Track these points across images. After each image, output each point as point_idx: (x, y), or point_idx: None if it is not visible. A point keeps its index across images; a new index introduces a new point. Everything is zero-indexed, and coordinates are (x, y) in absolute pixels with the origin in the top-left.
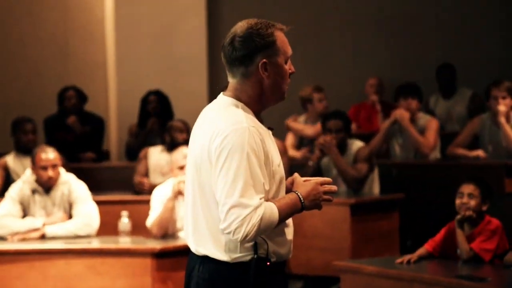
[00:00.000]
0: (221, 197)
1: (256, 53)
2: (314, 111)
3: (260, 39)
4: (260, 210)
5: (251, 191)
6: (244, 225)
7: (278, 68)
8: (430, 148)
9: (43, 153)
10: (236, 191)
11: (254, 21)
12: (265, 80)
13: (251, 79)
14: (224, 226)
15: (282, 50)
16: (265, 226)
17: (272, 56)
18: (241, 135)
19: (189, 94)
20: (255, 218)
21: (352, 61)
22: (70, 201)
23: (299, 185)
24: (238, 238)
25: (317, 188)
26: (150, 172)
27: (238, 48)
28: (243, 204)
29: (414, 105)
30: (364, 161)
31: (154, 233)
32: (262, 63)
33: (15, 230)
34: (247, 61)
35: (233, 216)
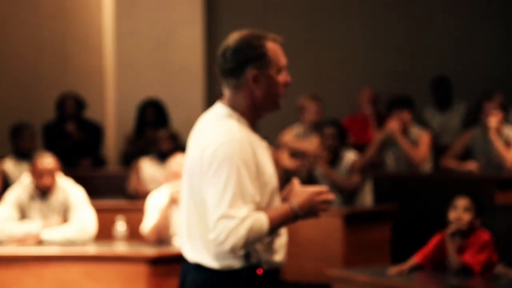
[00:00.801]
0: (211, 207)
1: (246, 64)
2: (308, 120)
3: (250, 50)
4: (248, 221)
5: (239, 202)
6: (231, 237)
7: (270, 79)
8: (422, 160)
9: (41, 160)
10: (224, 202)
11: (246, 33)
12: (256, 91)
13: (243, 90)
14: (213, 237)
15: (274, 61)
16: (254, 237)
17: (263, 68)
18: (232, 147)
19: (185, 103)
20: (242, 230)
21: (346, 72)
22: (67, 206)
23: (295, 194)
24: (227, 249)
25: (313, 198)
26: (144, 182)
27: (229, 60)
28: (230, 216)
29: (406, 118)
30: (358, 172)
31: (149, 239)
32: (252, 74)
33: (12, 234)
34: (237, 73)
35: (220, 227)
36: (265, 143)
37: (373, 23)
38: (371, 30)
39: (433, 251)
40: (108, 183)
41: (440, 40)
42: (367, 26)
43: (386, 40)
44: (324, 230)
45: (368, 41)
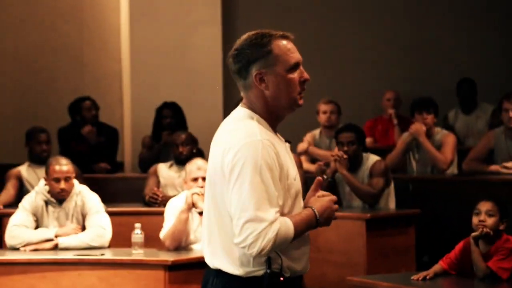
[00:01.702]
0: (235, 211)
1: (250, 64)
2: (321, 123)
3: (252, 50)
4: (276, 225)
5: (266, 205)
6: (260, 239)
7: (277, 77)
8: (447, 163)
9: (57, 165)
10: (251, 205)
11: (253, 33)
12: (265, 91)
13: (253, 91)
14: (239, 240)
15: (281, 58)
16: (280, 241)
17: (268, 66)
18: (254, 148)
19: (204, 106)
20: (271, 233)
21: (369, 74)
22: (83, 212)
23: (314, 201)
24: (253, 252)
25: (332, 206)
26: (161, 187)
27: (235, 62)
28: (259, 219)
29: (430, 120)
30: (380, 176)
31: (167, 245)
32: (256, 74)
33: (28, 240)
34: (244, 74)
35: (248, 231)
36: (287, 145)
37: (395, 25)
38: (394, 32)
39: (459, 256)
40: (125, 188)
41: (465, 42)
42: (390, 28)
43: (410, 42)
44: (346, 236)
45: (390, 43)
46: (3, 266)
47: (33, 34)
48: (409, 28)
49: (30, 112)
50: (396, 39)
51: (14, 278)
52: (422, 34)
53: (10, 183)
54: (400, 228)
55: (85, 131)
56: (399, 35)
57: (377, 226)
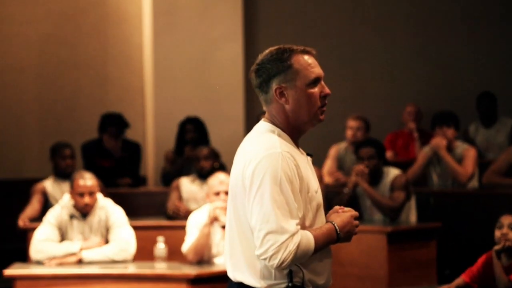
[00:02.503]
0: (256, 223)
1: (271, 79)
2: (348, 138)
3: (273, 65)
4: (297, 237)
5: (286, 217)
6: (281, 251)
7: (298, 92)
8: (467, 177)
9: (81, 179)
10: (272, 217)
11: (274, 48)
12: (286, 106)
13: (273, 105)
14: (260, 252)
15: (302, 73)
16: (301, 254)
17: (288, 81)
18: (274, 160)
19: (226, 121)
20: (292, 245)
21: (390, 88)
22: (107, 226)
23: (335, 216)
24: (274, 264)
25: (352, 221)
26: (184, 201)
27: (256, 77)
28: (280, 230)
29: (450, 134)
30: (401, 189)
31: (189, 258)
32: (276, 88)
33: (53, 254)
34: (264, 88)
35: (269, 242)
36: (309, 159)
37: (416, 39)
38: (414, 45)
39: (481, 270)
40: (148, 202)
41: (485, 56)
42: (410, 41)
43: (430, 56)
44: (367, 249)
45: (411, 57)
46: (28, 280)
47: (57, 50)
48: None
49: (54, 127)
50: (417, 53)
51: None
52: (443, 48)
53: (35, 197)
54: (421, 242)
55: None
56: (420, 49)
57: (398, 240)
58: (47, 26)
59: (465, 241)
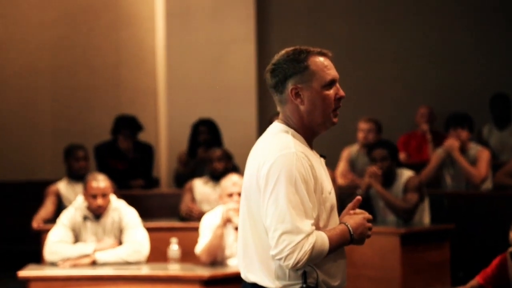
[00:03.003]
0: (271, 223)
1: (287, 79)
2: (359, 141)
3: (289, 65)
4: (312, 238)
5: (302, 217)
6: (296, 251)
7: (313, 93)
8: (481, 178)
9: (94, 181)
10: (287, 217)
11: (291, 49)
12: (300, 106)
13: (288, 106)
14: (275, 252)
15: (318, 75)
16: (316, 254)
17: (304, 82)
18: (288, 160)
19: (239, 122)
20: (307, 245)
21: (403, 90)
22: (120, 227)
23: (348, 217)
24: (289, 264)
25: (365, 223)
26: (197, 203)
27: (271, 76)
28: (295, 231)
29: (464, 136)
30: (414, 191)
31: (203, 260)
32: (292, 89)
33: (66, 256)
34: (280, 88)
35: (285, 243)
36: (322, 160)
37: (429, 40)
38: (428, 47)
39: (495, 272)
40: (161, 203)
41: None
42: (424, 43)
43: (443, 57)
44: (381, 251)
45: (424, 58)
46: (42, 282)
47: (70, 53)
48: (443, 43)
49: (68, 129)
50: (430, 54)
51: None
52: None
53: (49, 199)
54: (435, 243)
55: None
56: (433, 50)
57: (411, 241)
58: (60, 29)
59: (479, 242)
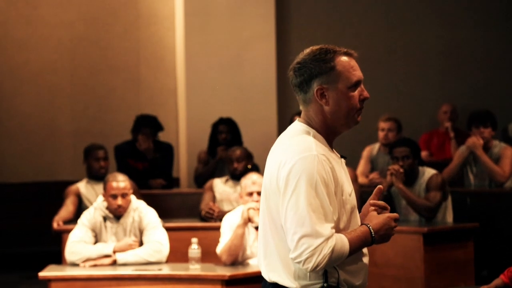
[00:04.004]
0: (291, 226)
1: (312, 79)
2: (380, 140)
3: (316, 65)
4: (332, 241)
5: (321, 220)
6: (316, 255)
7: (339, 94)
8: (505, 176)
9: (114, 181)
10: (307, 220)
11: (317, 47)
12: (325, 107)
13: (312, 105)
14: (295, 255)
15: (344, 75)
16: (336, 257)
17: (330, 82)
18: (309, 163)
19: (259, 121)
20: (327, 249)
21: (426, 88)
22: (140, 227)
23: (371, 217)
24: (309, 268)
25: (390, 223)
26: (217, 202)
27: (296, 75)
28: (315, 234)
29: (487, 134)
30: (437, 189)
31: (223, 260)
32: (318, 89)
33: (87, 256)
34: (304, 88)
35: (304, 246)
36: (343, 161)
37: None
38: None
39: None
40: (181, 203)
41: None
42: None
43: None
44: (404, 250)
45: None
46: (63, 282)
47: (90, 52)
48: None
49: (88, 129)
50: (452, 52)
51: None
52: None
53: (69, 199)
54: (458, 242)
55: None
56: (456, 48)
57: (434, 240)
58: (80, 29)
59: (503, 241)
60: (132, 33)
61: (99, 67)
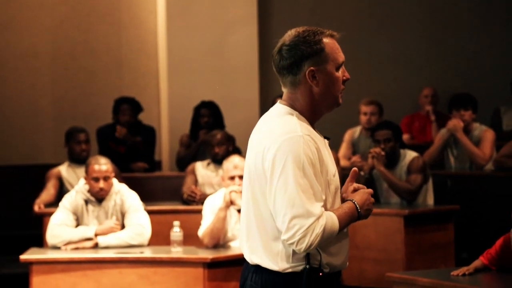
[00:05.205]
0: (281, 208)
1: (303, 61)
2: (362, 124)
3: (307, 46)
4: (323, 219)
5: (311, 200)
6: (308, 235)
7: (328, 75)
8: (485, 159)
9: (96, 164)
10: (297, 201)
11: (302, 29)
12: (314, 88)
13: (300, 87)
14: (287, 236)
15: (332, 57)
16: (327, 236)
17: (320, 64)
18: (295, 143)
19: (241, 104)
20: (318, 228)
21: (407, 71)
22: (122, 211)
23: (353, 194)
24: (302, 248)
25: (369, 197)
26: (199, 185)
27: (285, 57)
28: (306, 214)
29: (467, 116)
30: (418, 172)
31: (205, 242)
32: (309, 71)
33: (68, 239)
34: (294, 70)
35: (296, 227)
36: (326, 142)
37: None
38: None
39: (499, 252)
40: (163, 186)
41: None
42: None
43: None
44: (384, 232)
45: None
46: (45, 265)
47: (71, 35)
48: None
49: (69, 112)
50: (434, 35)
51: (55, 276)
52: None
53: (50, 183)
54: (438, 225)
55: (118, 134)
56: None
57: (415, 223)
58: (61, 11)
59: (482, 223)
60: (113, 16)
61: (80, 50)
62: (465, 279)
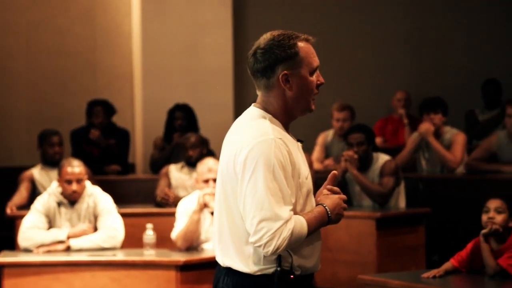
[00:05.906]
0: (250, 210)
1: (277, 64)
2: (335, 128)
3: (281, 50)
4: (291, 223)
5: (280, 203)
6: (275, 238)
7: (302, 79)
8: (456, 162)
9: (69, 166)
10: (265, 204)
11: (278, 33)
12: (287, 92)
13: (274, 91)
14: (255, 239)
15: (306, 61)
16: (295, 239)
17: (294, 68)
18: (267, 147)
19: (215, 107)
20: (286, 232)
21: (380, 75)
22: (95, 213)
23: (324, 197)
24: (269, 251)
25: (341, 203)
26: (172, 188)
27: (259, 60)
28: (274, 217)
29: (437, 120)
30: (390, 175)
31: (178, 245)
32: (283, 74)
33: (40, 242)
34: (268, 73)
35: (264, 230)
36: (299, 145)
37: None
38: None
39: (470, 254)
40: (137, 189)
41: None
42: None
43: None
44: (357, 235)
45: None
46: (16, 268)
47: (46, 37)
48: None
49: (43, 114)
50: (407, 39)
51: (28, 279)
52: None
53: (23, 185)
54: (410, 227)
55: (92, 136)
56: (411, 35)
57: (387, 225)
58: (36, 13)
59: (453, 226)
60: (88, 18)
61: (55, 52)
62: (436, 281)
